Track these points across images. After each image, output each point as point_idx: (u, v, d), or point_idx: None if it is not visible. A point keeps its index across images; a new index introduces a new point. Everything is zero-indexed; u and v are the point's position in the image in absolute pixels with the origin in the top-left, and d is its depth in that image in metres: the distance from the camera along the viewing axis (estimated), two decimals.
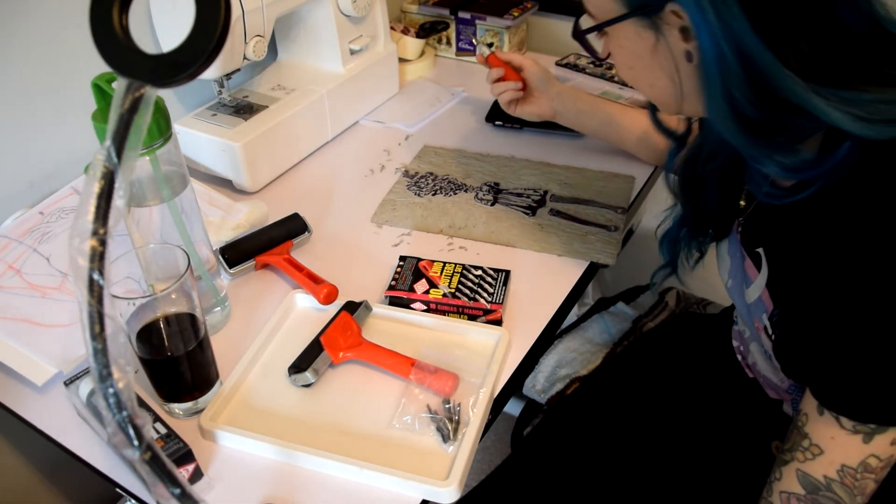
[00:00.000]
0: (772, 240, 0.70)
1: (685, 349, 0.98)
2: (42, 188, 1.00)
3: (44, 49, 0.95)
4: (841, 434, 0.61)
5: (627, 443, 0.89)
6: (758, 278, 0.72)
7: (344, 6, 1.16)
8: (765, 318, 0.71)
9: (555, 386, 1.01)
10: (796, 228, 0.65)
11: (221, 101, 1.12)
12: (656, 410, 0.91)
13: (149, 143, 0.70)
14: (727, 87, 0.58)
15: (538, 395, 1.03)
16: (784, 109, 0.58)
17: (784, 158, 0.60)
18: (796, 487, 0.65)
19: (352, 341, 0.80)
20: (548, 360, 1.05)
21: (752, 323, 0.76)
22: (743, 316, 0.81)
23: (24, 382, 0.79)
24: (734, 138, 0.61)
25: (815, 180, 0.59)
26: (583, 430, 0.92)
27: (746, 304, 0.75)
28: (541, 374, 1.04)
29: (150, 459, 0.47)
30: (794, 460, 0.65)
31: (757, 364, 0.84)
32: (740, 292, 0.77)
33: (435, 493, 0.67)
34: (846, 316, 0.58)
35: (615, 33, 0.67)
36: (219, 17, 0.40)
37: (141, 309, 0.69)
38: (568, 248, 0.95)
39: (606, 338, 1.06)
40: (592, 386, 0.98)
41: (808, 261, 0.63)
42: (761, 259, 0.71)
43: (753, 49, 0.56)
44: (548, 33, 1.51)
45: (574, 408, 0.96)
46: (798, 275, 0.65)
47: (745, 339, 0.87)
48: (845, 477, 0.62)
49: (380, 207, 1.05)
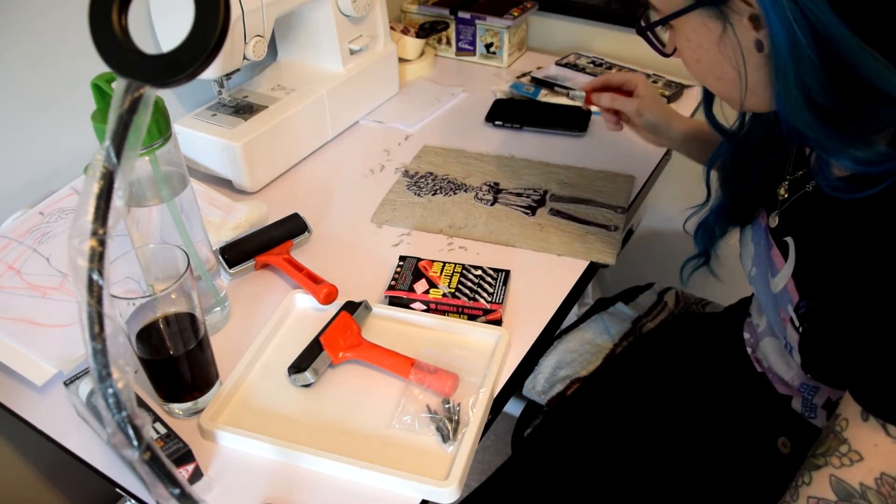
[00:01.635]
0: (805, 230, 0.69)
1: (687, 348, 0.98)
2: (42, 188, 1.00)
3: (43, 49, 0.95)
4: (886, 442, 0.58)
5: (630, 443, 0.88)
6: (784, 267, 0.71)
7: (344, 6, 1.16)
8: (790, 308, 0.70)
9: (555, 387, 1.01)
10: (840, 219, 0.63)
11: (221, 101, 1.12)
12: (659, 410, 0.91)
13: (148, 143, 0.70)
14: (800, 75, 0.56)
15: (538, 397, 1.03)
16: (863, 95, 0.56)
17: (858, 151, 0.58)
18: (828, 493, 0.62)
19: (352, 341, 0.80)
20: (547, 361, 1.04)
21: (776, 313, 0.74)
22: (764, 306, 0.79)
23: (24, 382, 0.79)
24: (809, 129, 0.59)
25: (888, 174, 0.57)
26: (584, 431, 0.92)
27: (772, 293, 0.74)
28: (540, 376, 1.03)
29: (149, 459, 0.47)
30: (829, 465, 0.62)
31: (768, 358, 0.83)
32: (765, 281, 0.75)
33: (435, 493, 0.67)
34: (892, 313, 0.56)
35: (681, 26, 0.65)
36: (218, 17, 0.40)
37: (141, 309, 0.69)
38: (568, 247, 0.95)
39: (606, 338, 1.06)
40: (593, 387, 0.98)
41: (851, 254, 0.61)
42: (789, 248, 0.70)
43: (832, 30, 0.53)
44: (548, 33, 1.51)
45: (575, 409, 0.96)
46: (833, 266, 0.63)
47: (757, 333, 0.85)
48: (882, 486, 0.59)
49: (380, 207, 1.05)
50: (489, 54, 1.43)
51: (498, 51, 1.42)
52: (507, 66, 1.43)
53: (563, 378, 1.01)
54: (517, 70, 1.41)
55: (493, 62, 1.44)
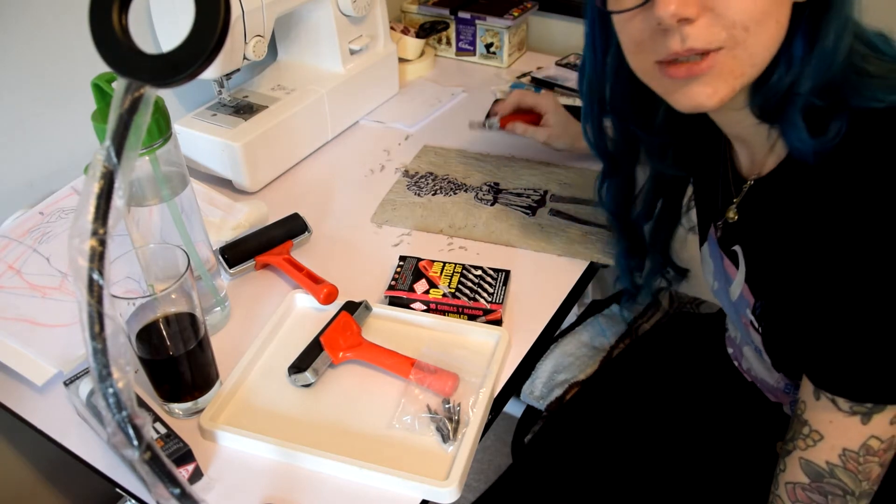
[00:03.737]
0: (750, 236, 0.71)
1: (683, 352, 0.98)
2: (42, 188, 1.00)
3: (44, 49, 0.95)
4: (839, 416, 0.60)
5: (630, 448, 0.88)
6: (737, 275, 0.73)
7: (344, 6, 1.16)
8: (749, 312, 0.72)
9: (553, 392, 1.00)
10: (777, 218, 0.65)
11: (221, 101, 1.12)
12: (658, 415, 0.91)
13: (148, 143, 0.70)
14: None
15: (537, 402, 1.02)
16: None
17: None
18: (800, 477, 0.65)
19: (352, 341, 0.80)
20: (544, 365, 1.03)
21: (739, 320, 0.76)
22: (730, 316, 0.81)
23: (24, 382, 0.79)
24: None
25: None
26: (584, 435, 0.91)
27: (732, 302, 0.76)
28: (538, 381, 1.02)
29: (149, 459, 0.47)
30: (797, 449, 0.65)
31: (752, 368, 0.84)
32: (725, 292, 0.77)
33: (435, 493, 0.67)
34: (833, 295, 0.58)
35: None
36: (218, 17, 0.40)
37: (141, 309, 0.69)
38: (568, 248, 0.95)
39: (602, 341, 1.05)
40: (591, 391, 0.98)
41: (788, 245, 0.63)
42: (738, 256, 0.72)
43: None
44: (548, 33, 1.51)
45: (574, 414, 0.96)
46: (779, 262, 0.65)
47: (737, 345, 0.87)
48: (848, 461, 0.61)
49: (380, 207, 1.05)
50: (489, 54, 1.43)
51: (498, 51, 1.42)
52: (507, 66, 1.43)
53: (561, 382, 1.00)
54: (517, 70, 1.41)
55: (493, 62, 1.44)
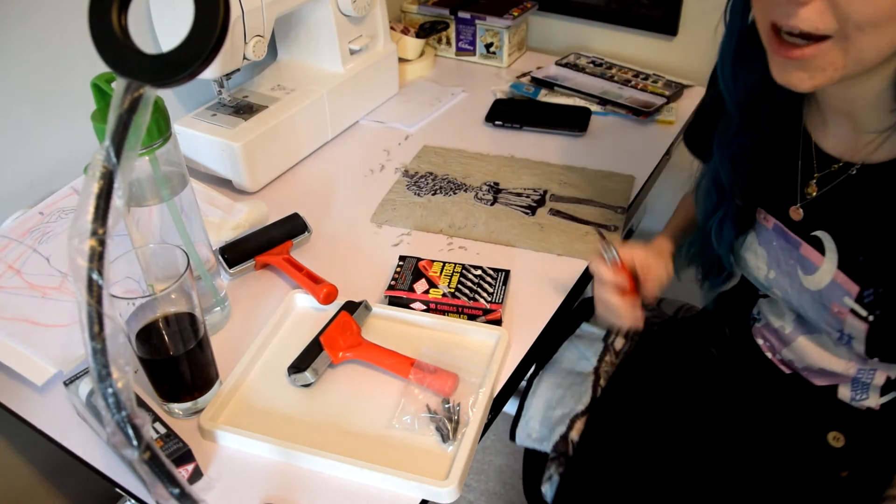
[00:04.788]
0: (845, 223, 0.68)
1: (682, 357, 0.93)
2: (42, 188, 1.00)
3: (43, 49, 0.95)
4: None
5: (676, 471, 0.81)
6: (824, 263, 0.70)
7: (344, 6, 1.16)
8: (848, 300, 0.69)
9: (555, 430, 0.88)
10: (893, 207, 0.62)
11: (221, 101, 1.12)
12: (691, 428, 0.84)
13: (148, 143, 0.70)
14: None
15: (538, 444, 0.91)
16: None
17: None
18: None
19: (351, 341, 0.80)
20: (534, 403, 0.92)
21: (822, 309, 0.72)
22: (798, 305, 0.76)
23: (24, 382, 0.79)
24: None
25: None
26: (619, 469, 0.83)
27: (809, 291, 0.72)
28: (532, 421, 0.91)
29: (149, 459, 0.47)
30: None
31: (805, 357, 0.79)
32: (793, 281, 0.73)
33: (434, 493, 0.67)
34: None
35: None
36: (218, 17, 0.40)
37: (141, 309, 0.69)
38: (568, 247, 0.95)
39: (585, 364, 0.95)
40: (601, 421, 0.87)
41: None
42: (822, 243, 0.69)
43: None
44: (548, 33, 1.51)
45: (596, 449, 0.85)
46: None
47: (784, 335, 0.82)
48: None
49: (380, 207, 1.05)
50: (489, 54, 1.43)
51: (498, 51, 1.42)
52: (507, 66, 1.43)
53: (560, 418, 0.89)
54: (517, 70, 1.41)
55: (493, 62, 1.44)
